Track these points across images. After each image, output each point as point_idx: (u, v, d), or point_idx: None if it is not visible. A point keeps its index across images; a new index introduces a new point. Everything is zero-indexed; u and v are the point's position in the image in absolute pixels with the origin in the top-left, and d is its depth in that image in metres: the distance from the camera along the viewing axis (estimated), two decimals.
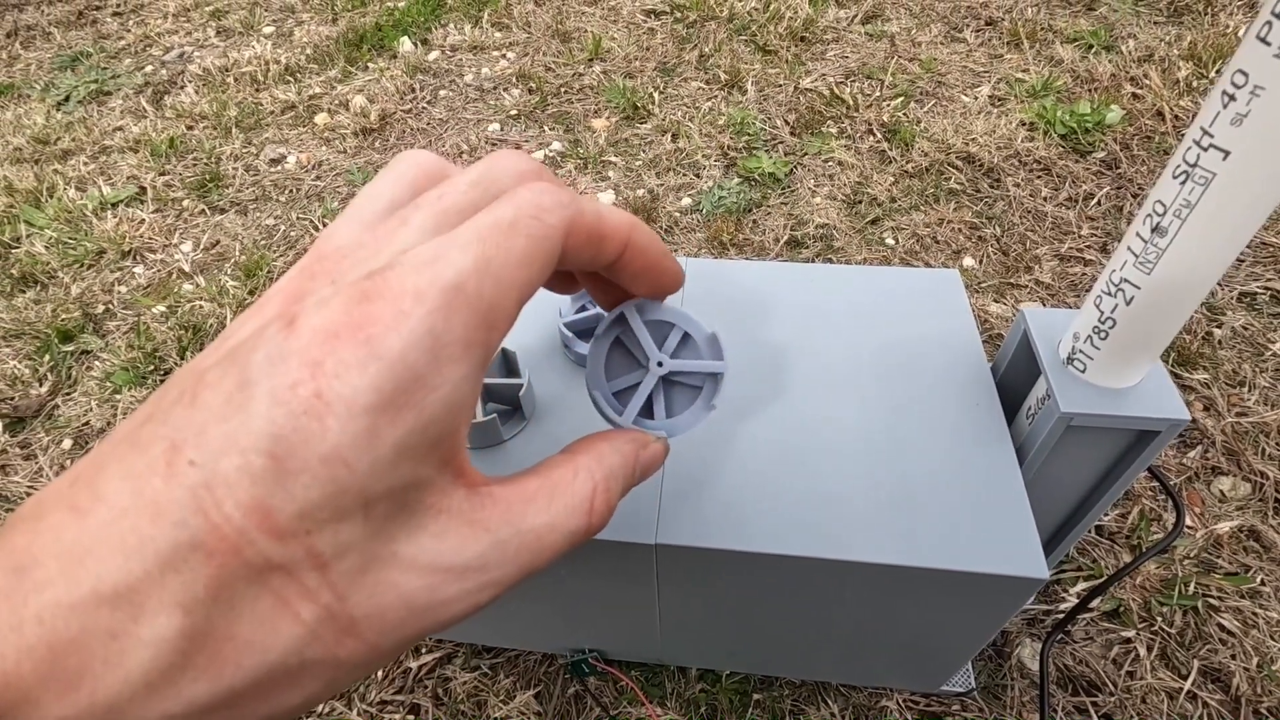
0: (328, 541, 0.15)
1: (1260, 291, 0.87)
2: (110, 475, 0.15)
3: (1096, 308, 0.39)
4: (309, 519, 0.15)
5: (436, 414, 0.16)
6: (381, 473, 0.16)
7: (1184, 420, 0.40)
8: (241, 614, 0.15)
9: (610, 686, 0.58)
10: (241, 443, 0.15)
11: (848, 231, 1.00)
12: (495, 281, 0.17)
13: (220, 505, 0.14)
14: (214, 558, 0.14)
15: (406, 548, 0.17)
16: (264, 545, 0.15)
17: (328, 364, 0.15)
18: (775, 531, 0.40)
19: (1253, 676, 0.56)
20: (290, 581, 0.15)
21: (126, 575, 0.14)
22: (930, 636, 0.47)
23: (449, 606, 0.18)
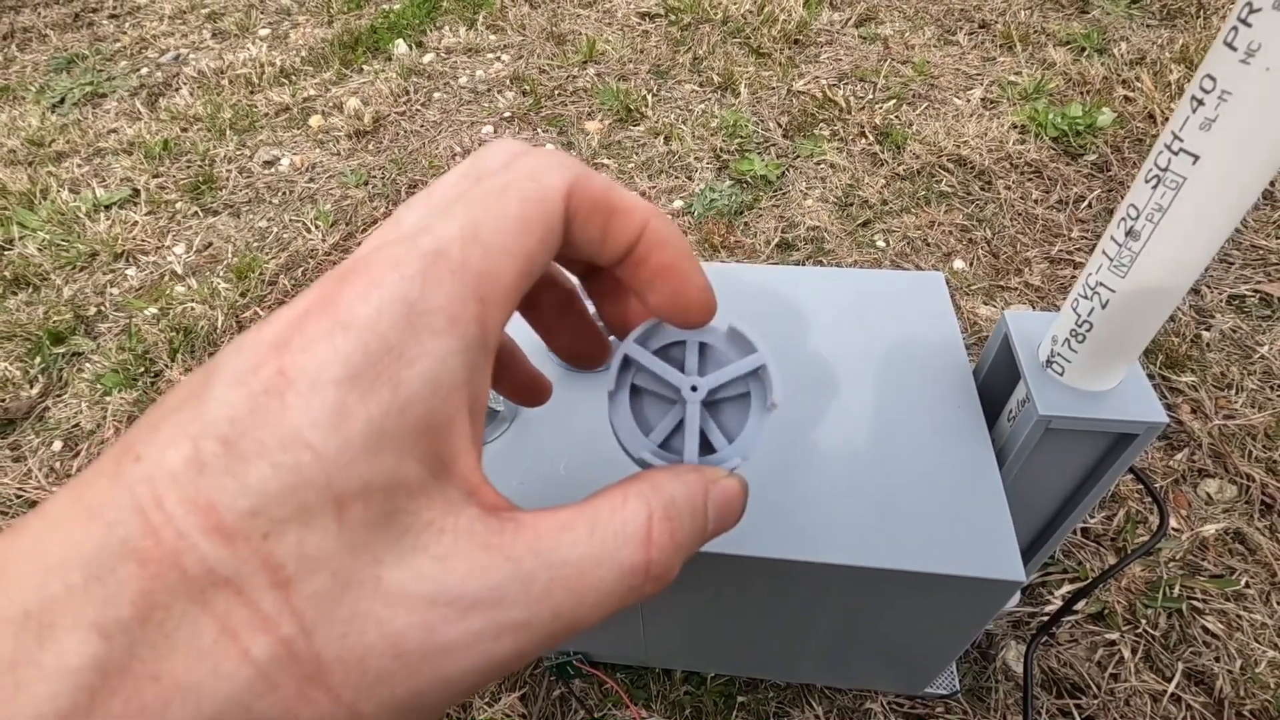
0: (289, 550, 0.12)
1: (1249, 294, 0.87)
2: (61, 490, 0.13)
3: (1074, 311, 0.39)
4: (265, 517, 0.12)
5: (417, 392, 0.13)
6: (354, 461, 0.13)
7: (1162, 423, 0.40)
8: (176, 645, 0.12)
9: (595, 689, 0.58)
10: (191, 430, 0.12)
11: (839, 234, 1.00)
12: (484, 249, 0.15)
13: (161, 502, 0.12)
14: (146, 567, 0.12)
15: (395, 572, 0.13)
16: (207, 550, 0.12)
17: (294, 341, 0.13)
18: (756, 534, 0.40)
19: (1236, 679, 0.56)
20: (239, 603, 0.12)
21: (41, 593, 0.11)
22: (912, 639, 0.47)
23: (452, 656, 0.13)
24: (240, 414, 0.12)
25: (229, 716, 0.12)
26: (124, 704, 0.11)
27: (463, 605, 0.13)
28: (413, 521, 0.13)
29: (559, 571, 0.14)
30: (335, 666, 0.12)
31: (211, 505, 0.12)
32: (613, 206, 0.17)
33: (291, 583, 0.12)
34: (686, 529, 0.17)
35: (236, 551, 0.12)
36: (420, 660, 0.13)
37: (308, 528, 0.12)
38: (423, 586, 0.13)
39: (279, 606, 0.12)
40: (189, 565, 0.12)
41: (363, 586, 0.13)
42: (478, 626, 0.13)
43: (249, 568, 0.12)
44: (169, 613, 0.12)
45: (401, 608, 0.13)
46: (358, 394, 0.13)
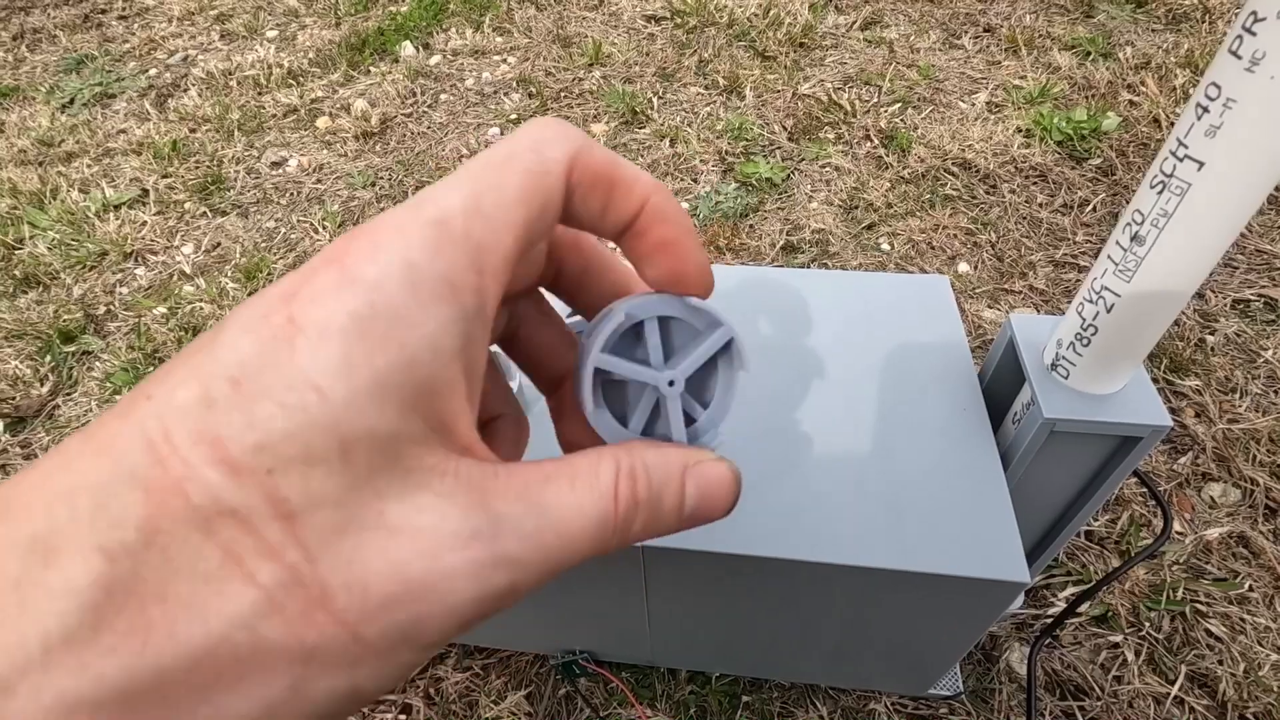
0: (295, 486, 0.13)
1: (1254, 299, 0.87)
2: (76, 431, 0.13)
3: (1079, 315, 0.40)
4: (271, 454, 0.12)
5: (420, 355, 0.14)
6: (360, 408, 0.13)
7: (1166, 426, 0.40)
8: (180, 569, 0.12)
9: (600, 688, 0.59)
10: (201, 372, 0.13)
11: (843, 237, 1.00)
12: (486, 220, 0.15)
13: (168, 435, 0.12)
14: (152, 495, 0.12)
15: (398, 508, 0.14)
16: (214, 482, 0.12)
17: (303, 292, 0.14)
18: (761, 534, 0.40)
19: (1239, 682, 0.56)
20: (244, 533, 0.12)
21: (48, 520, 0.12)
22: (916, 639, 0.47)
23: (453, 584, 0.14)
24: (249, 357, 0.13)
25: (235, 636, 0.12)
26: (129, 621, 0.12)
27: (464, 536, 0.14)
28: (415, 465, 0.14)
29: (546, 517, 0.15)
30: (340, 592, 0.13)
31: (218, 439, 0.12)
32: (614, 180, 0.17)
33: (296, 516, 0.13)
34: (654, 489, 0.17)
35: (242, 484, 0.12)
36: (423, 587, 0.13)
37: (312, 467, 0.13)
38: (426, 519, 0.14)
39: (283, 537, 0.12)
40: (194, 494, 0.12)
41: (366, 520, 0.13)
42: (478, 556, 0.14)
43: (254, 499, 0.12)
44: (173, 538, 0.12)
45: (406, 537, 0.13)
46: (364, 347, 0.13)
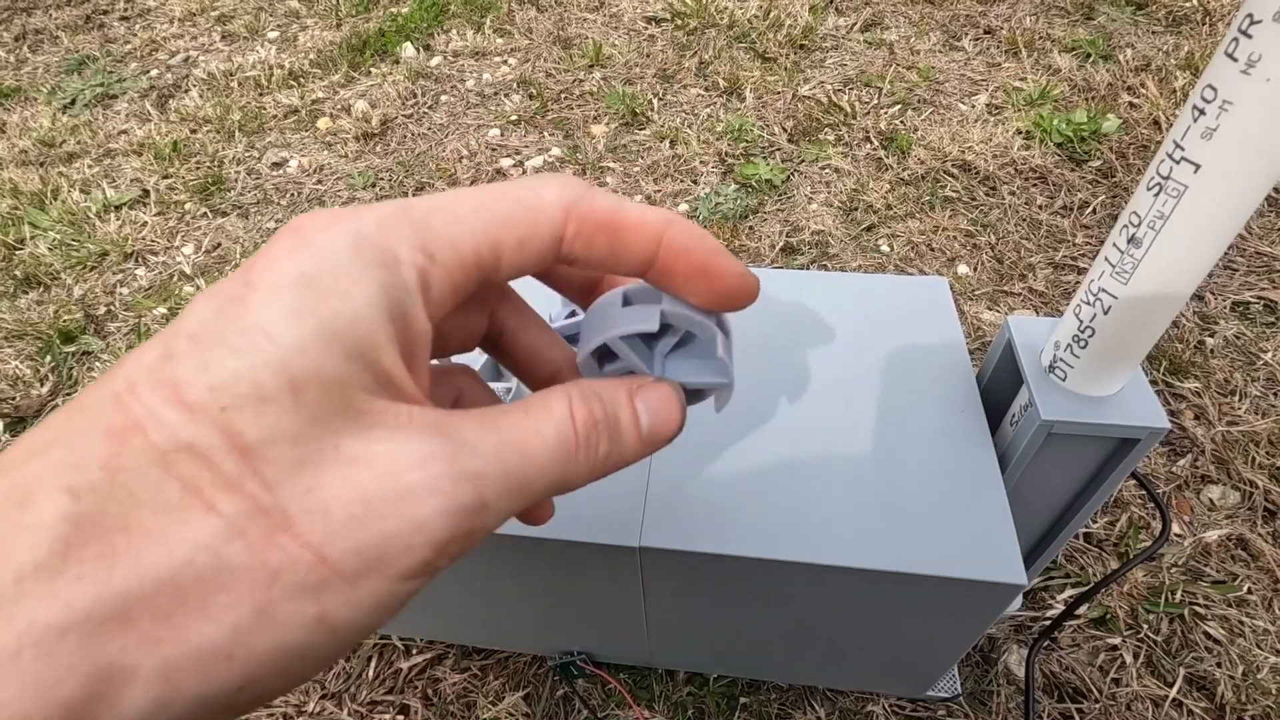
0: (249, 422, 0.13)
1: (1254, 301, 0.87)
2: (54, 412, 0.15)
3: (1076, 317, 0.40)
4: (224, 392, 0.13)
5: (361, 310, 0.14)
6: (306, 350, 0.14)
7: (1163, 429, 0.40)
8: (142, 502, 0.13)
9: (598, 689, 0.59)
10: (165, 336, 0.14)
11: (843, 239, 1.00)
12: (452, 219, 0.16)
13: (132, 386, 0.13)
14: (114, 436, 0.13)
15: (353, 442, 0.14)
16: (171, 420, 0.13)
17: (259, 262, 0.15)
18: (759, 536, 0.40)
19: (1238, 685, 0.56)
20: (203, 467, 0.13)
21: (25, 470, 0.13)
22: (914, 641, 0.47)
23: (417, 499, 0.14)
24: (208, 317, 0.14)
25: (199, 560, 0.13)
26: (96, 551, 0.12)
27: (422, 456, 0.14)
28: (366, 409, 0.14)
29: (504, 436, 0.16)
30: (301, 516, 0.13)
31: (176, 383, 0.13)
32: (619, 224, 0.17)
33: (252, 450, 0.13)
34: (608, 410, 0.18)
35: (197, 420, 0.13)
36: (384, 504, 0.14)
37: (265, 404, 0.13)
38: (382, 447, 0.14)
39: (241, 469, 0.13)
40: (152, 432, 0.13)
41: (323, 454, 0.14)
42: (439, 471, 0.14)
43: (209, 434, 0.13)
44: (134, 474, 0.13)
45: (363, 464, 0.14)
46: (310, 297, 0.14)
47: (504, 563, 0.46)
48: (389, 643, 0.63)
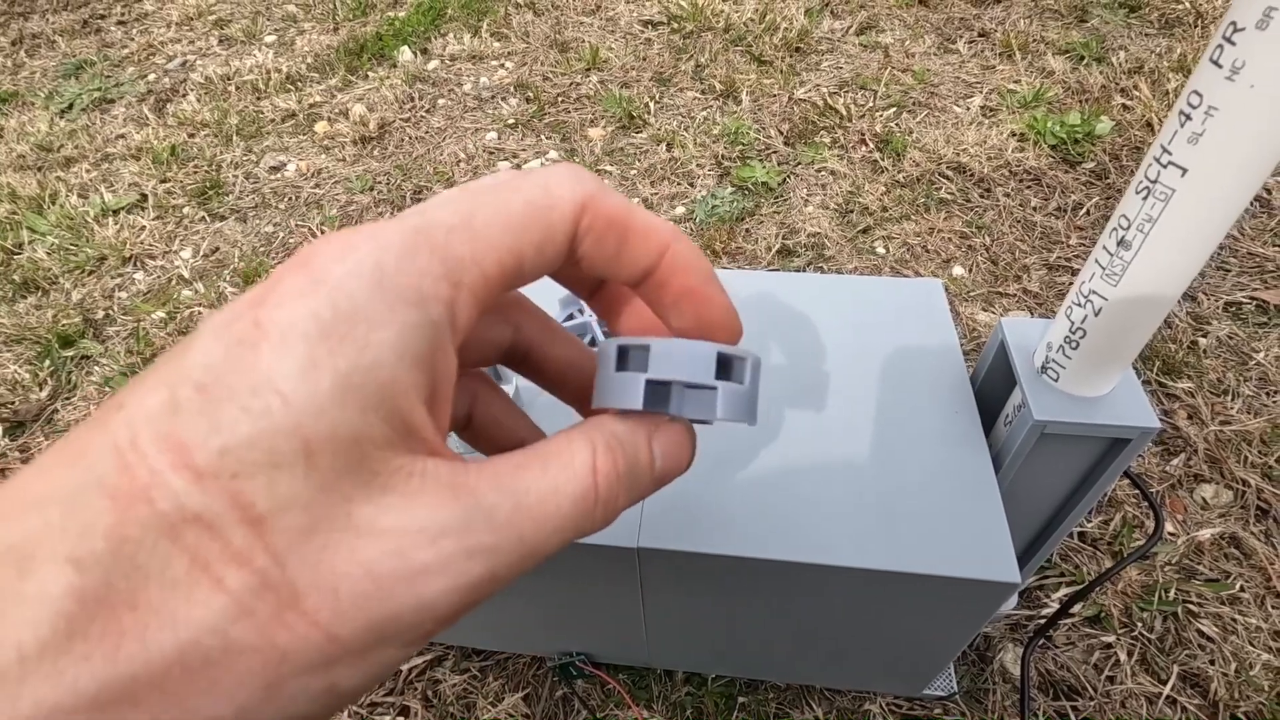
0: (260, 491, 0.13)
1: (1246, 301, 0.88)
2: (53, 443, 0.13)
3: (1067, 318, 0.40)
4: (235, 458, 0.13)
5: (383, 357, 0.14)
6: (322, 410, 0.13)
7: (1154, 428, 0.41)
8: (149, 576, 0.12)
9: (598, 689, 0.59)
10: (170, 378, 0.13)
11: (839, 241, 1.01)
12: (471, 237, 0.15)
13: (135, 442, 0.12)
14: (118, 503, 0.12)
15: (366, 508, 0.13)
16: (179, 488, 0.12)
17: (269, 298, 0.14)
18: (755, 536, 0.41)
19: (1231, 682, 0.56)
20: (211, 539, 0.12)
21: (22, 529, 0.12)
22: (910, 640, 0.48)
23: (427, 578, 0.14)
24: (215, 362, 0.13)
25: (206, 640, 0.12)
26: (102, 629, 0.12)
27: (433, 532, 0.14)
28: (381, 467, 0.14)
29: (520, 500, 0.15)
30: (310, 593, 0.13)
31: (183, 444, 0.12)
32: (629, 227, 0.17)
33: (263, 520, 0.13)
34: (629, 460, 0.17)
35: (205, 489, 0.12)
36: (395, 582, 0.13)
37: (278, 470, 0.13)
38: (393, 518, 0.14)
39: (250, 541, 0.13)
40: (159, 500, 0.12)
41: (334, 522, 0.13)
42: (449, 549, 0.14)
43: (219, 505, 0.12)
44: (140, 546, 0.12)
45: (373, 538, 0.13)
46: (326, 348, 0.13)
47: None
48: None
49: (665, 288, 0.18)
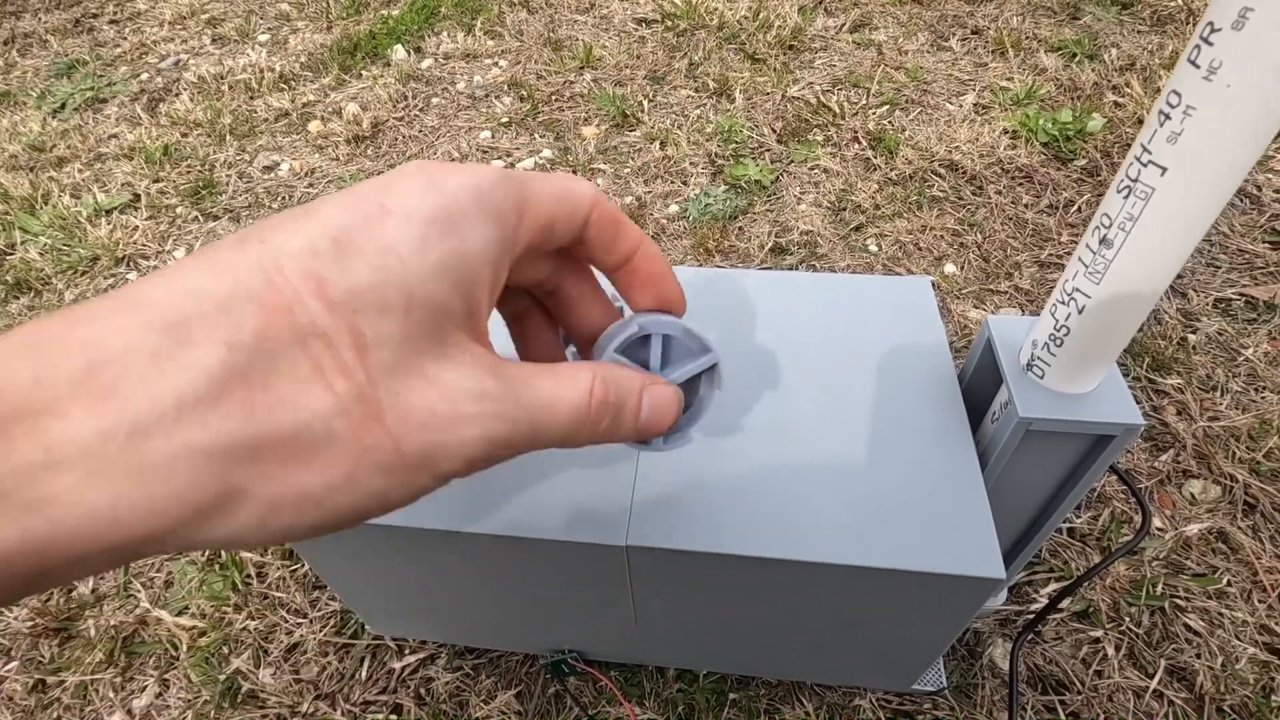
0: (370, 327, 0.17)
1: (1235, 297, 0.89)
2: (183, 259, 0.17)
3: (1052, 316, 0.41)
4: (358, 298, 0.17)
5: (473, 252, 0.19)
6: (425, 278, 0.18)
7: (1138, 425, 0.41)
8: (280, 370, 0.16)
9: (590, 686, 0.59)
10: (309, 230, 0.17)
11: (831, 239, 1.01)
12: (536, 195, 0.21)
13: (280, 268, 0.16)
14: (265, 310, 0.16)
15: (432, 366, 0.18)
16: (314, 309, 0.16)
17: (392, 190, 0.18)
18: (743, 533, 0.41)
19: (1217, 675, 0.57)
20: (329, 352, 0.16)
21: (180, 313, 0.15)
22: (897, 635, 0.48)
23: (465, 425, 0.18)
24: (347, 226, 0.17)
25: (315, 426, 0.16)
26: (242, 398, 0.15)
27: (476, 394, 0.19)
28: (447, 336, 0.19)
29: (535, 395, 0.20)
30: (389, 412, 0.17)
31: (320, 279, 0.17)
32: (620, 224, 0.24)
33: (367, 349, 0.17)
34: (620, 396, 0.23)
35: (333, 315, 0.16)
36: (446, 422, 0.18)
37: (384, 315, 0.17)
38: (451, 377, 0.18)
39: (355, 362, 0.17)
40: (298, 317, 0.16)
41: (410, 366, 0.18)
42: (486, 409, 0.19)
43: (339, 330, 0.17)
44: (278, 345, 0.16)
45: (436, 387, 0.18)
46: (437, 235, 0.18)
47: (495, 562, 0.46)
48: (382, 643, 0.63)
49: (636, 273, 0.25)
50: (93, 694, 0.62)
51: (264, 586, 0.68)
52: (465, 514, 0.43)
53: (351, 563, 0.49)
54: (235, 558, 0.69)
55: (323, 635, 0.64)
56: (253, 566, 0.69)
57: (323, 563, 0.50)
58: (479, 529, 0.42)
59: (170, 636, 0.65)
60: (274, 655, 0.63)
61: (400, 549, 0.46)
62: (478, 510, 0.43)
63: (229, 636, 0.64)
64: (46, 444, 0.14)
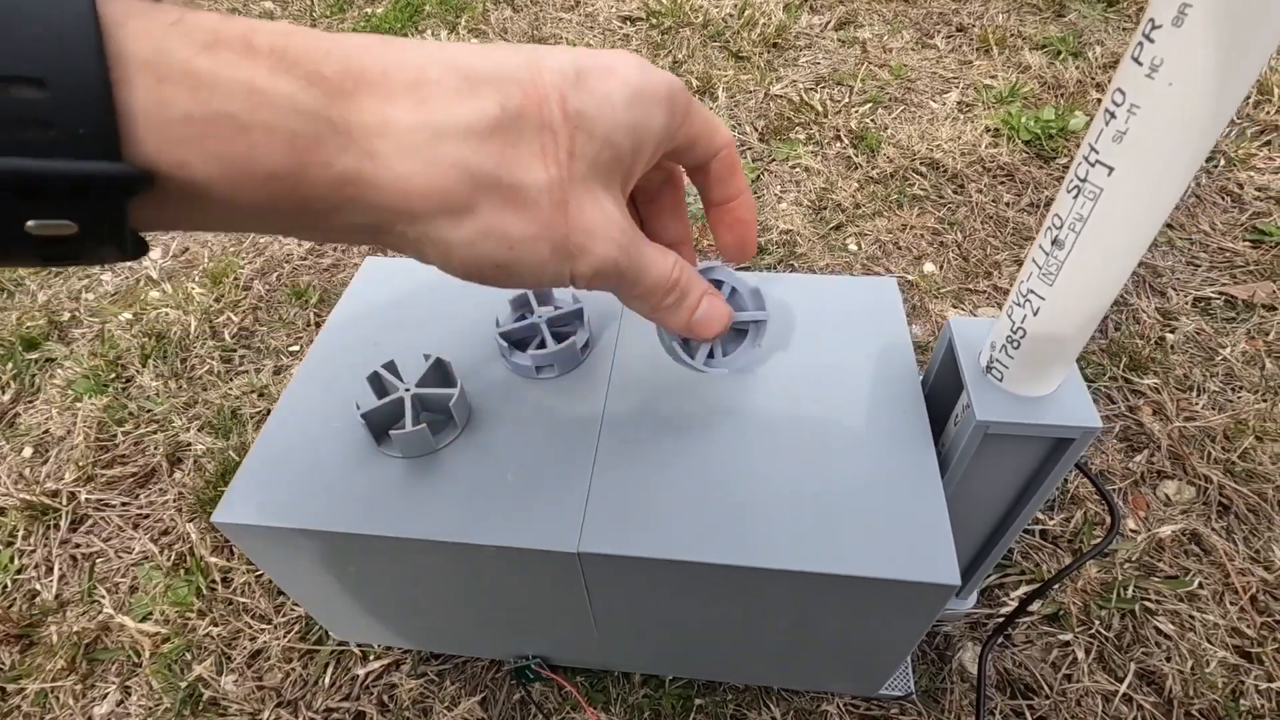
0: (580, 141, 0.24)
1: (1214, 297, 0.88)
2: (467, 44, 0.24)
3: (1009, 318, 0.40)
4: (581, 118, 0.24)
5: (650, 128, 0.26)
6: (619, 128, 0.25)
7: (1095, 428, 0.40)
8: (525, 139, 0.23)
9: (554, 692, 0.59)
10: (560, 57, 0.24)
11: (811, 238, 1.00)
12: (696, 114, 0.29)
13: (541, 73, 0.24)
14: (526, 95, 0.23)
15: (602, 193, 0.26)
16: (555, 111, 0.23)
17: (620, 58, 0.26)
18: (698, 539, 0.40)
19: (1186, 679, 0.56)
20: (554, 144, 0.24)
21: (473, 70, 0.22)
22: (858, 641, 0.47)
23: (607, 245, 0.26)
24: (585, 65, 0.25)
25: (530, 190, 0.24)
26: (499, 146, 0.23)
27: (620, 228, 0.27)
28: (614, 179, 0.26)
29: (643, 251, 0.29)
30: (571, 207, 0.25)
31: (564, 93, 0.24)
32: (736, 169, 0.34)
33: (575, 156, 0.24)
34: (685, 286, 0.32)
35: (566, 121, 0.24)
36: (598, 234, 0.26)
37: (589, 139, 0.24)
38: (609, 208, 0.26)
39: (565, 161, 0.24)
40: (544, 111, 0.24)
41: (589, 185, 0.25)
42: (621, 241, 0.27)
43: (564, 133, 0.24)
44: (527, 122, 0.23)
45: (599, 209, 0.26)
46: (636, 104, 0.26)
47: (448, 570, 0.45)
48: (347, 649, 0.63)
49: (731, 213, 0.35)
50: (53, 701, 0.61)
51: (229, 592, 0.67)
52: (414, 519, 0.42)
53: (306, 570, 0.48)
54: (200, 563, 0.68)
55: (286, 641, 0.63)
56: (218, 572, 0.68)
57: (281, 572, 0.50)
58: (428, 535, 0.41)
59: (133, 643, 0.64)
60: (237, 662, 0.62)
61: (353, 556, 0.45)
62: (428, 515, 0.42)
63: (192, 643, 0.64)
64: (383, 117, 0.21)
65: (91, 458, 0.79)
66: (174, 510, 0.74)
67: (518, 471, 0.44)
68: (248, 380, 0.86)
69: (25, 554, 0.72)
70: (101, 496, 0.76)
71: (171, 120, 0.17)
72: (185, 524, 0.72)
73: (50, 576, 0.70)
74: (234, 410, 0.83)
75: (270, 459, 0.46)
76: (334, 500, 0.43)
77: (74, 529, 0.74)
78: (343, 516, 0.42)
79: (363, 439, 0.46)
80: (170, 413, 0.83)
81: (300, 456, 0.46)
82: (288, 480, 0.45)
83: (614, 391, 0.48)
